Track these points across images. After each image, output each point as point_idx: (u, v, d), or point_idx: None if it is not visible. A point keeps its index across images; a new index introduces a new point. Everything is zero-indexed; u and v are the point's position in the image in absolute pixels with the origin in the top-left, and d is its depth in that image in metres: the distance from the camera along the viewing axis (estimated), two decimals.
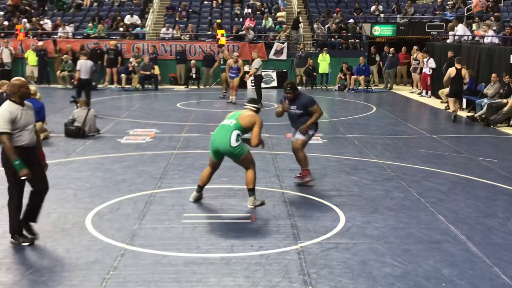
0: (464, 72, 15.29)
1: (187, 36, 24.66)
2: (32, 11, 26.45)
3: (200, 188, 7.82)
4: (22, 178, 5.93)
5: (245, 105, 7.89)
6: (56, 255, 5.93)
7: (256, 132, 7.54)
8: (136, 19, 25.82)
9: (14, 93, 6.07)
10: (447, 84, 15.43)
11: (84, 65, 15.22)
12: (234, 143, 7.40)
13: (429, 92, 20.81)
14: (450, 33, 21.79)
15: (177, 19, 26.35)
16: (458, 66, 15.18)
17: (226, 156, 7.62)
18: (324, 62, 22.81)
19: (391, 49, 23.14)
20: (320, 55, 22.97)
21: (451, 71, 15.17)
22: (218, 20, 25.27)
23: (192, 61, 22.88)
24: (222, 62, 20.18)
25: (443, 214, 7.46)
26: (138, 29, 25.09)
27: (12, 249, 6.09)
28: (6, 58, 22.82)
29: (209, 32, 24.88)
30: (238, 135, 7.44)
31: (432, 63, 20.54)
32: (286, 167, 9.82)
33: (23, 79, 6.33)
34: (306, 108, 8.60)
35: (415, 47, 22.21)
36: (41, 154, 6.53)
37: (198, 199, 7.80)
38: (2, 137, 5.87)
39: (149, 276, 5.47)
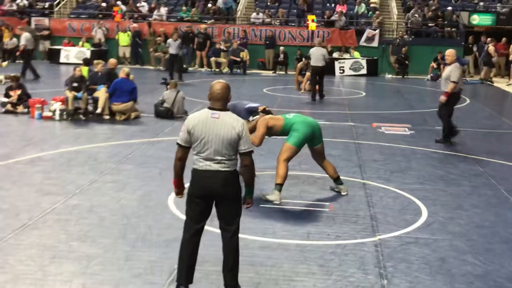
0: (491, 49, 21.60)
1: (277, 21, 24.65)
2: None
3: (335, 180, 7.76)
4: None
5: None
6: (139, 231, 6.14)
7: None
8: None
9: None
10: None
11: (172, 43, 19.25)
12: None
13: None
14: None
15: (268, 3, 26.39)
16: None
17: (311, 142, 7.59)
18: None
19: (488, 39, 22.09)
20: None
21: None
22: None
23: (281, 47, 22.89)
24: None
25: None
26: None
27: (97, 222, 6.38)
28: (102, 39, 23.90)
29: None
30: None
31: None
32: (369, 158, 9.66)
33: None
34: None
35: None
36: None
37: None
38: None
39: None
